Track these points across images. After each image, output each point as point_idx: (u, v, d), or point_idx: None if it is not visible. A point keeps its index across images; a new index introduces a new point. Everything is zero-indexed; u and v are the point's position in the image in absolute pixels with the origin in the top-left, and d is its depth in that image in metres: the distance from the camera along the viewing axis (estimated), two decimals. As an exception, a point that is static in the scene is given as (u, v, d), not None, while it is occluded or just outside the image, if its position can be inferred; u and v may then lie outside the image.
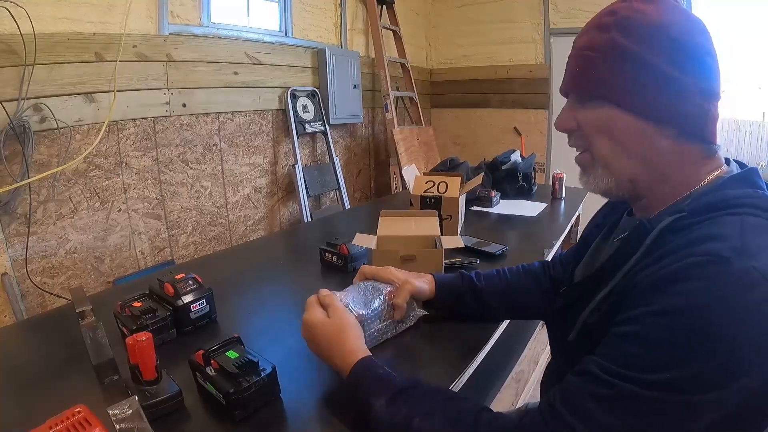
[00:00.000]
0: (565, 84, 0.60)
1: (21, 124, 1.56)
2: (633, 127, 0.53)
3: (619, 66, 0.53)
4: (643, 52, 0.51)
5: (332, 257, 1.08)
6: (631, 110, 0.53)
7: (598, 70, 0.54)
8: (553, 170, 1.97)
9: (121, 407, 0.51)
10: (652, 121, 0.52)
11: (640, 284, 0.45)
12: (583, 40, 0.57)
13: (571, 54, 0.59)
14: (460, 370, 0.69)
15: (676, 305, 0.41)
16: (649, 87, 0.51)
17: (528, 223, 1.54)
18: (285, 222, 2.83)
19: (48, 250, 1.75)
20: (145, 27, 1.95)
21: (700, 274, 0.41)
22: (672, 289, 0.42)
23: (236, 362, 0.58)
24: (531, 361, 1.65)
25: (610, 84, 0.53)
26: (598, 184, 0.58)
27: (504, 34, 3.69)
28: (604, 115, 0.55)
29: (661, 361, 0.40)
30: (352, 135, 3.30)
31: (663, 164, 0.54)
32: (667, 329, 0.41)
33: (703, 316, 0.39)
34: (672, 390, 0.39)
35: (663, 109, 0.52)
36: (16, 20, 1.48)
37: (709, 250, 0.42)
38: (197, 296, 0.79)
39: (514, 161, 1.95)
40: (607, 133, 0.55)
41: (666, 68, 0.51)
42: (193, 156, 2.24)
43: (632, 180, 0.56)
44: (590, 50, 0.55)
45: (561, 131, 0.60)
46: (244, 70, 2.41)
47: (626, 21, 0.53)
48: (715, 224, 0.45)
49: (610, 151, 0.55)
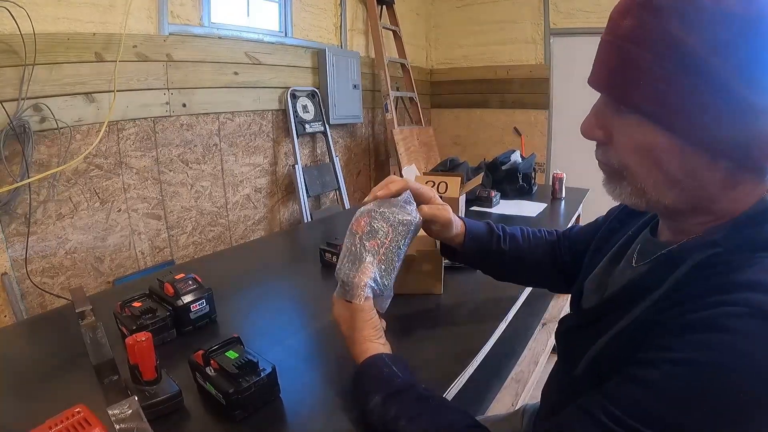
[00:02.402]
0: (597, 79, 0.45)
1: (21, 124, 1.56)
2: (682, 157, 0.41)
3: (679, 76, 0.38)
4: (712, 61, 0.37)
5: (332, 257, 1.08)
6: (684, 138, 0.40)
7: (647, 75, 0.40)
8: (553, 170, 1.97)
9: (120, 407, 0.51)
10: (709, 153, 0.41)
11: (663, 325, 0.39)
12: (626, 24, 0.41)
13: (606, 39, 0.44)
14: (459, 371, 0.69)
15: (699, 358, 0.35)
16: (713, 110, 0.38)
17: (528, 223, 1.54)
18: (285, 222, 2.83)
19: (48, 250, 1.75)
20: (145, 27, 1.95)
21: (734, 327, 0.34)
22: (698, 339, 0.36)
23: (236, 362, 0.58)
24: (531, 362, 1.65)
25: (661, 99, 0.40)
26: (626, 198, 0.48)
27: (504, 35, 3.69)
28: (646, 135, 0.42)
29: (672, 419, 0.35)
30: (352, 135, 3.30)
31: (709, 196, 0.44)
32: (685, 384, 0.35)
33: (730, 377, 0.34)
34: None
35: (725, 140, 0.39)
36: (16, 20, 1.48)
37: (748, 301, 0.35)
38: (197, 296, 0.79)
39: (514, 161, 1.95)
40: (648, 157, 0.43)
41: (737, 87, 0.37)
42: (193, 156, 2.24)
43: (668, 207, 0.46)
44: (637, 44, 0.40)
45: (588, 139, 0.48)
46: (244, 70, 2.41)
47: (692, 6, 0.37)
48: (756, 269, 0.38)
49: (649, 176, 0.44)
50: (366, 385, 0.56)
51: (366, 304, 0.61)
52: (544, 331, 1.88)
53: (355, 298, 0.60)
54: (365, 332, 0.60)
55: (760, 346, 0.33)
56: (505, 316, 0.87)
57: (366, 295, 0.61)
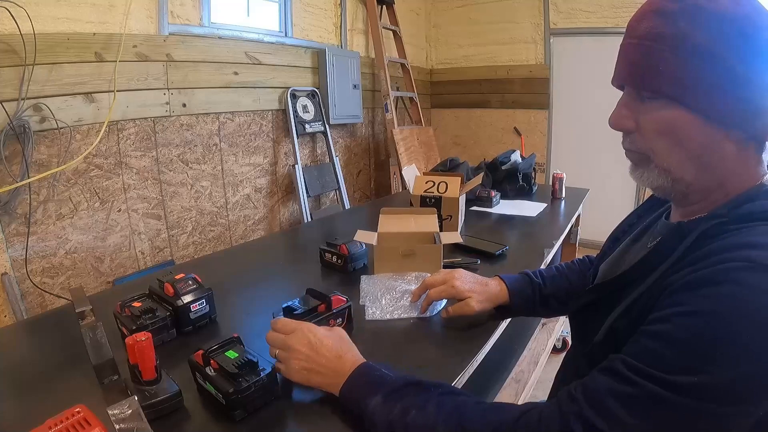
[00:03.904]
0: (622, 75, 0.54)
1: (21, 124, 1.56)
2: (701, 131, 0.49)
3: (691, 62, 0.47)
4: (718, 48, 0.46)
5: (332, 257, 1.08)
6: (701, 112, 0.48)
7: (666, 65, 0.48)
8: (553, 170, 1.97)
9: (120, 407, 0.51)
10: (723, 125, 0.49)
11: (672, 286, 0.45)
12: (644, 27, 0.50)
13: (627, 42, 0.52)
14: (459, 371, 0.69)
15: (704, 308, 0.40)
16: (722, 88, 0.47)
17: (528, 223, 1.54)
18: (285, 222, 2.83)
19: (48, 250, 1.75)
20: (145, 27, 1.95)
21: (735, 279, 0.40)
22: (703, 292, 0.41)
23: (236, 362, 0.58)
24: (531, 362, 1.65)
25: (679, 82, 0.48)
26: (653, 181, 0.54)
27: (504, 34, 3.69)
28: (669, 117, 0.50)
29: (686, 363, 0.39)
30: (352, 135, 3.30)
31: (724, 169, 0.51)
32: (695, 331, 0.40)
33: (732, 323, 0.38)
34: (696, 396, 0.38)
35: (734, 113, 0.48)
36: (16, 20, 1.48)
37: (748, 256, 0.41)
38: (197, 296, 0.79)
39: (514, 161, 1.95)
40: (672, 136, 0.50)
41: (739, 67, 0.46)
42: (193, 156, 2.24)
43: (690, 183, 0.52)
44: (655, 40, 0.49)
45: (617, 130, 0.55)
46: (244, 70, 2.41)
47: (695, 10, 0.47)
48: (753, 233, 0.44)
49: (673, 155, 0.51)
50: (360, 392, 0.56)
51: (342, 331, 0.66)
52: (544, 331, 1.88)
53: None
54: (354, 350, 0.62)
55: (758, 295, 0.39)
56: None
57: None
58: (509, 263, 1.15)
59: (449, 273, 0.82)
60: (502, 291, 0.83)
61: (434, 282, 0.81)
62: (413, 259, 0.96)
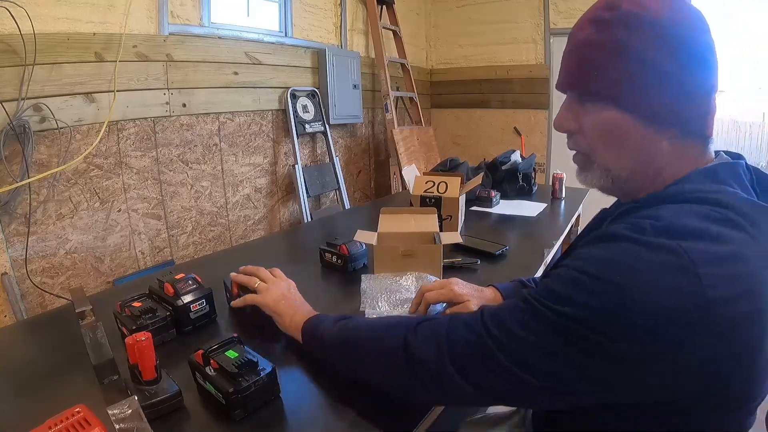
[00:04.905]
0: (563, 81, 0.58)
1: (21, 124, 1.56)
2: (636, 130, 0.53)
3: (623, 65, 0.51)
4: (648, 51, 0.50)
5: (332, 257, 1.08)
6: (634, 112, 0.52)
7: (600, 69, 0.52)
8: (553, 170, 1.97)
9: (120, 407, 0.51)
10: (656, 124, 0.52)
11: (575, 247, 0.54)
12: (582, 34, 0.54)
13: (567, 49, 0.57)
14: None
15: (584, 256, 0.47)
16: (654, 88, 0.50)
17: (528, 223, 1.54)
18: (285, 222, 2.83)
19: (48, 250, 1.75)
20: (145, 27, 1.95)
21: (612, 237, 0.47)
22: (588, 248, 0.49)
23: (236, 362, 0.58)
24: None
25: (613, 85, 0.52)
26: (596, 181, 0.58)
27: (504, 34, 3.69)
28: (606, 118, 0.54)
29: (567, 296, 0.46)
30: (352, 135, 3.30)
31: (660, 163, 0.54)
32: (574, 272, 0.46)
33: (599, 270, 0.45)
34: (574, 321, 0.44)
35: (667, 111, 0.51)
36: (16, 20, 1.48)
37: (631, 222, 0.47)
38: (197, 296, 0.79)
39: (514, 161, 1.95)
40: (610, 136, 0.54)
41: (670, 68, 0.50)
42: (193, 156, 2.24)
43: (628, 180, 0.56)
44: (590, 47, 0.53)
45: (560, 132, 0.59)
46: (244, 70, 2.41)
47: (628, 16, 0.51)
48: (653, 209, 0.49)
49: (612, 154, 0.55)
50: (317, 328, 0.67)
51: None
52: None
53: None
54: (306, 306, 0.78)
55: (622, 249, 0.45)
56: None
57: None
58: (509, 263, 1.15)
59: (446, 280, 0.84)
60: (496, 297, 0.83)
61: (432, 287, 0.82)
62: (413, 259, 0.96)
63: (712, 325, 0.41)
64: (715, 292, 0.40)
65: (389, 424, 0.58)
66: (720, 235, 0.44)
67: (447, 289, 0.80)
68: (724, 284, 0.41)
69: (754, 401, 0.48)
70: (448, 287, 0.80)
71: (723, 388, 0.44)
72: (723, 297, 0.41)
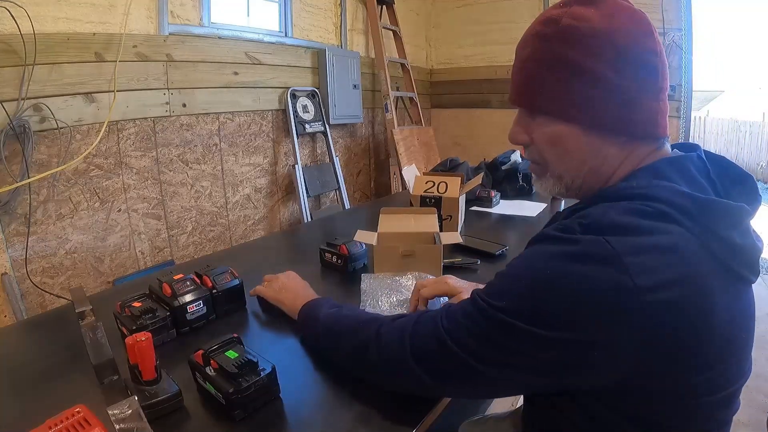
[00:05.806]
0: (512, 96, 0.59)
1: (21, 124, 1.56)
2: (583, 140, 0.54)
3: (565, 80, 0.52)
4: (589, 64, 0.51)
5: (332, 257, 1.08)
6: (581, 124, 0.53)
7: (544, 85, 0.54)
8: (553, 170, 1.97)
9: (120, 407, 0.51)
10: (604, 132, 0.53)
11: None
12: (526, 51, 0.56)
13: (514, 65, 0.58)
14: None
15: (517, 263, 0.52)
16: (597, 99, 0.51)
17: (528, 223, 1.54)
18: (285, 222, 2.83)
19: (48, 250, 1.75)
20: (145, 27, 1.95)
21: (541, 239, 0.51)
22: (522, 254, 0.53)
23: (236, 362, 0.58)
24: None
25: (557, 99, 0.53)
26: (551, 189, 0.61)
27: (504, 35, 3.68)
28: (553, 131, 0.55)
29: (500, 291, 0.50)
30: (352, 135, 3.30)
31: (611, 168, 0.55)
32: (508, 272, 0.51)
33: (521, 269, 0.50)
34: (506, 313, 0.47)
35: (613, 120, 0.52)
36: (16, 20, 1.48)
37: (559, 224, 0.51)
38: (195, 297, 0.79)
39: (514, 161, 1.95)
40: (558, 147, 0.56)
41: (613, 77, 0.50)
42: (193, 156, 2.24)
43: (581, 186, 0.58)
44: (534, 62, 0.55)
45: (514, 144, 0.62)
46: (244, 70, 2.41)
47: (568, 30, 0.51)
48: (590, 209, 0.51)
49: (562, 163, 0.57)
50: (314, 307, 0.73)
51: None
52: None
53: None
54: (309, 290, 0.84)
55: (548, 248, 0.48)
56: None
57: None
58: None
59: (440, 276, 0.85)
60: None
61: (425, 283, 0.83)
62: (413, 259, 0.96)
63: (640, 311, 0.42)
64: (641, 279, 0.42)
65: (389, 424, 0.58)
66: (649, 228, 0.45)
67: (441, 282, 0.81)
68: (651, 272, 0.42)
69: (723, 391, 0.48)
70: (443, 281, 0.81)
71: (674, 376, 0.46)
72: (651, 284, 0.42)
